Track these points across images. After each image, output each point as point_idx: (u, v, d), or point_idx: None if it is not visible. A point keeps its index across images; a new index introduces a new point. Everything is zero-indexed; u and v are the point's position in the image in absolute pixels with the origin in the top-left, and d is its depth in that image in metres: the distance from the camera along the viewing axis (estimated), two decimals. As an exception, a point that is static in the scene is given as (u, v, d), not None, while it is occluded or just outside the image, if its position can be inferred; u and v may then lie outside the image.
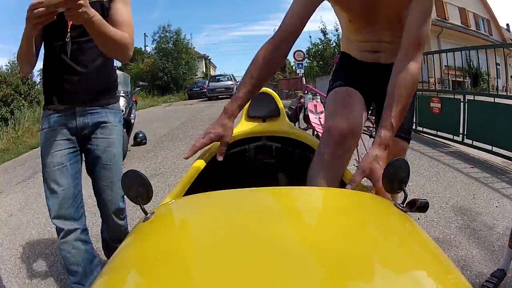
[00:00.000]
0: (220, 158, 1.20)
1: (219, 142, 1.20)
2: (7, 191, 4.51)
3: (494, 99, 4.60)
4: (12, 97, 10.27)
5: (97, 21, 1.37)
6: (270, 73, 1.28)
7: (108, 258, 1.94)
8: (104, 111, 1.71)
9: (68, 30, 1.53)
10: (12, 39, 59.32)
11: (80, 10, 1.24)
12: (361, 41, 1.43)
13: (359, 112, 1.30)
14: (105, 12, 1.56)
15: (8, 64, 12.41)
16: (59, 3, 1.18)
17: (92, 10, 1.33)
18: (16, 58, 1.72)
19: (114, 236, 1.88)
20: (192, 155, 1.16)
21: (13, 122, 9.43)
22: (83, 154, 1.75)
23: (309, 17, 1.26)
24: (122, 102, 5.41)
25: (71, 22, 1.47)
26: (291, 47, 1.26)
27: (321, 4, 1.29)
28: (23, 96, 10.69)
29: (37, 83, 11.71)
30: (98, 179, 1.72)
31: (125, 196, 1.72)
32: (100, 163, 1.70)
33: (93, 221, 2.73)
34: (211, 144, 1.25)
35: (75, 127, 1.66)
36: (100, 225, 1.94)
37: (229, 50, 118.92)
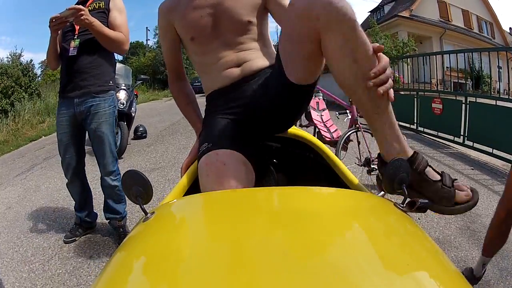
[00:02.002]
0: None
1: None
2: (5, 183, 4.50)
3: (496, 102, 4.59)
4: (12, 89, 10.23)
5: (96, 25, 2.10)
6: (194, 98, 1.48)
7: (107, 211, 2.61)
8: (95, 100, 2.31)
9: (76, 33, 2.25)
10: (14, 32, 59.29)
11: (83, 17, 2.00)
12: (218, 60, 1.23)
13: (242, 184, 1.01)
14: (107, 17, 2.29)
15: (10, 56, 12.35)
16: (69, 15, 1.98)
17: (92, 17, 2.07)
18: (46, 55, 2.36)
19: (109, 195, 2.55)
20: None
21: (13, 114, 9.40)
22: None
23: (180, 48, 1.37)
24: (123, 95, 5.39)
25: (78, 27, 2.22)
26: (186, 75, 1.49)
27: None
28: (23, 88, 10.65)
29: (38, 75, 11.70)
30: (95, 150, 2.45)
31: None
32: (93, 140, 2.40)
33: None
34: None
35: (74, 113, 2.32)
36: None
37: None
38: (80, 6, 2.04)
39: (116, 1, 2.35)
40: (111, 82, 2.38)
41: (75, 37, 2.25)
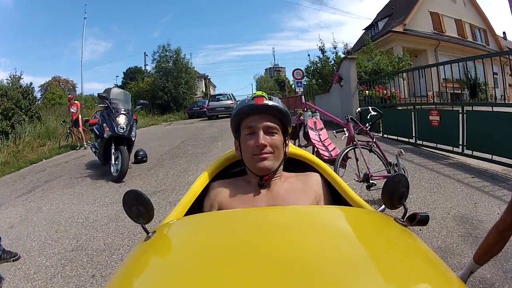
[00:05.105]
0: None
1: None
2: (7, 204, 4.51)
3: (492, 108, 4.63)
4: (13, 111, 10.30)
5: None
6: None
7: None
8: None
9: None
10: (13, 53, 59.45)
11: None
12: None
13: None
14: None
15: (9, 78, 12.44)
16: None
17: None
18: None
19: None
20: None
21: (14, 136, 9.45)
22: None
23: None
24: (122, 119, 5.38)
25: None
26: None
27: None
28: (23, 110, 10.73)
29: (38, 98, 11.78)
30: None
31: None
32: None
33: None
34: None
35: None
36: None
37: (228, 69, 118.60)
38: None
39: None
40: None
41: None
